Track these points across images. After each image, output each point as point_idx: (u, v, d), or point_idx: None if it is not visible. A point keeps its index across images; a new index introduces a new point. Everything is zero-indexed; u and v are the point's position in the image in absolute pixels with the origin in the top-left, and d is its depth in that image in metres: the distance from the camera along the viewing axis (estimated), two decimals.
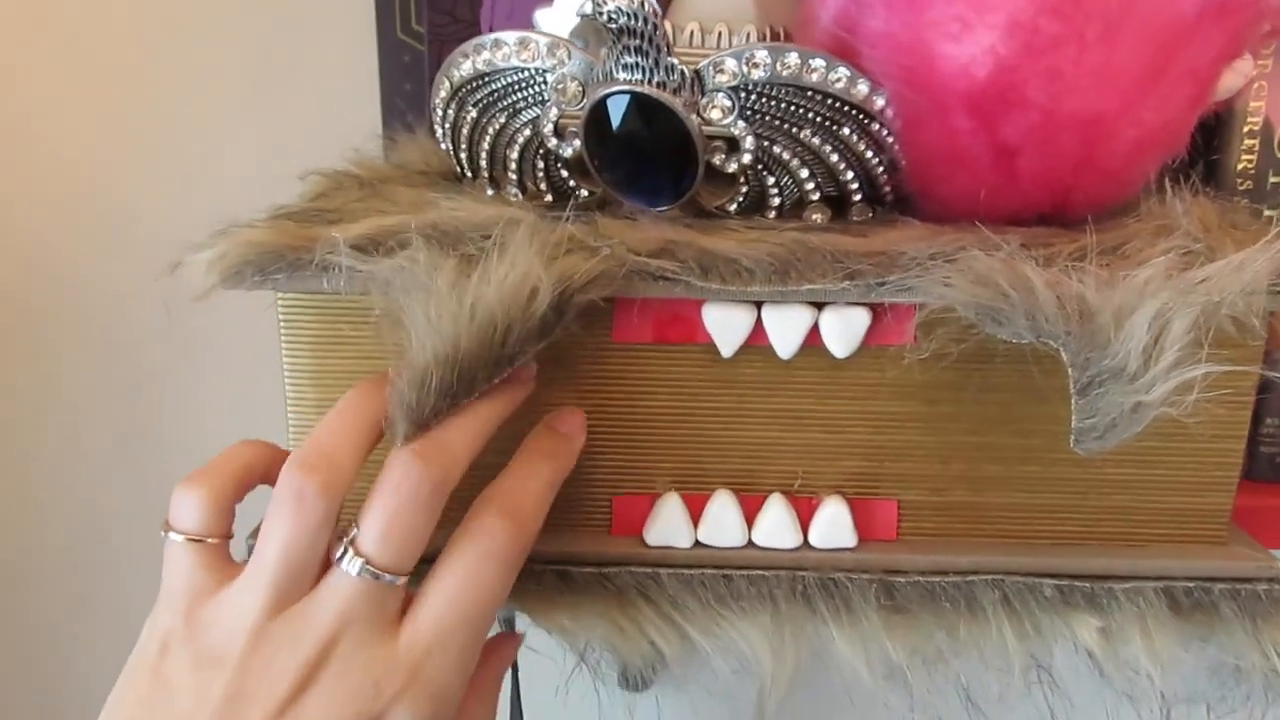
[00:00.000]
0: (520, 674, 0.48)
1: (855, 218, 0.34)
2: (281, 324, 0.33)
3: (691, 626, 0.33)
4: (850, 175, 0.33)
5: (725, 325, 0.32)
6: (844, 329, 0.32)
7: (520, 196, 0.36)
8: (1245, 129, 0.39)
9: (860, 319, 0.32)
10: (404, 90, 0.56)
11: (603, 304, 0.31)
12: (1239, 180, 0.39)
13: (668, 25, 0.39)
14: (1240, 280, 0.27)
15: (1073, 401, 0.28)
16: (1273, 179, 0.39)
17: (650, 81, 0.31)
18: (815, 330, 0.32)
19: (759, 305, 0.32)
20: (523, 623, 0.35)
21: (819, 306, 0.32)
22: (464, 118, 0.35)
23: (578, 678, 0.37)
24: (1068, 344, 0.28)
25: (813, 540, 0.34)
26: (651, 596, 0.34)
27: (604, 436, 0.34)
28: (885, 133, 0.32)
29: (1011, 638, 0.33)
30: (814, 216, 0.34)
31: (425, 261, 0.29)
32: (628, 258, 0.30)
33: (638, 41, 0.31)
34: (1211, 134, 0.38)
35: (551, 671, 0.37)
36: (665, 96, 0.31)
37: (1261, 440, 0.43)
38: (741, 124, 0.32)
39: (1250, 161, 0.39)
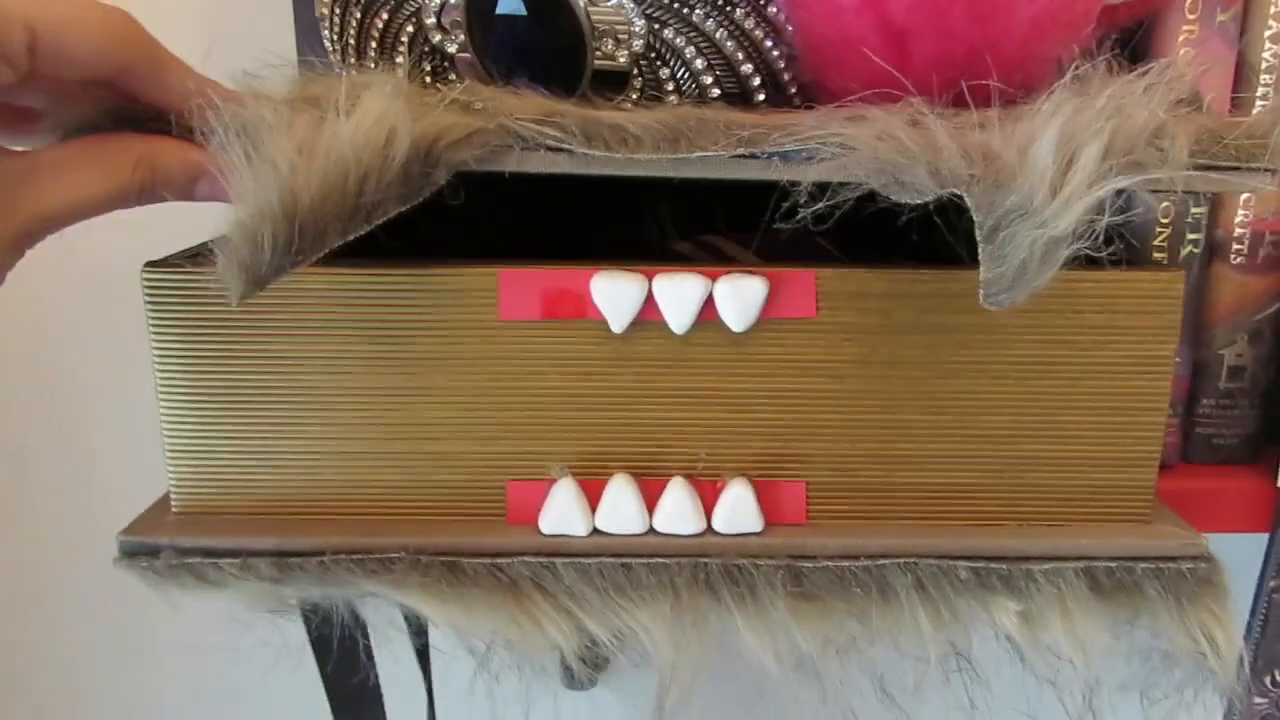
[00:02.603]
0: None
1: None
2: (147, 304, 0.31)
3: (589, 618, 0.32)
4: (749, 68, 0.32)
5: (614, 298, 0.30)
6: (739, 301, 0.30)
7: None
8: None
9: (756, 289, 0.30)
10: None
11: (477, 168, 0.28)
12: None
13: None
14: (1146, 104, 0.26)
15: (980, 250, 0.26)
16: None
17: None
18: (710, 304, 0.30)
19: (650, 277, 0.30)
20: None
21: (713, 278, 0.30)
22: (350, 20, 0.34)
23: (487, 676, 0.35)
24: (971, 189, 0.25)
25: (716, 525, 0.32)
26: (547, 588, 0.32)
27: (495, 420, 0.32)
28: (782, 17, 0.31)
29: (927, 624, 0.32)
30: None
31: (281, 110, 0.27)
32: (508, 121, 0.28)
33: None
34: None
35: (461, 670, 0.36)
36: None
37: (1198, 421, 0.42)
38: (630, 4, 0.30)
39: None
